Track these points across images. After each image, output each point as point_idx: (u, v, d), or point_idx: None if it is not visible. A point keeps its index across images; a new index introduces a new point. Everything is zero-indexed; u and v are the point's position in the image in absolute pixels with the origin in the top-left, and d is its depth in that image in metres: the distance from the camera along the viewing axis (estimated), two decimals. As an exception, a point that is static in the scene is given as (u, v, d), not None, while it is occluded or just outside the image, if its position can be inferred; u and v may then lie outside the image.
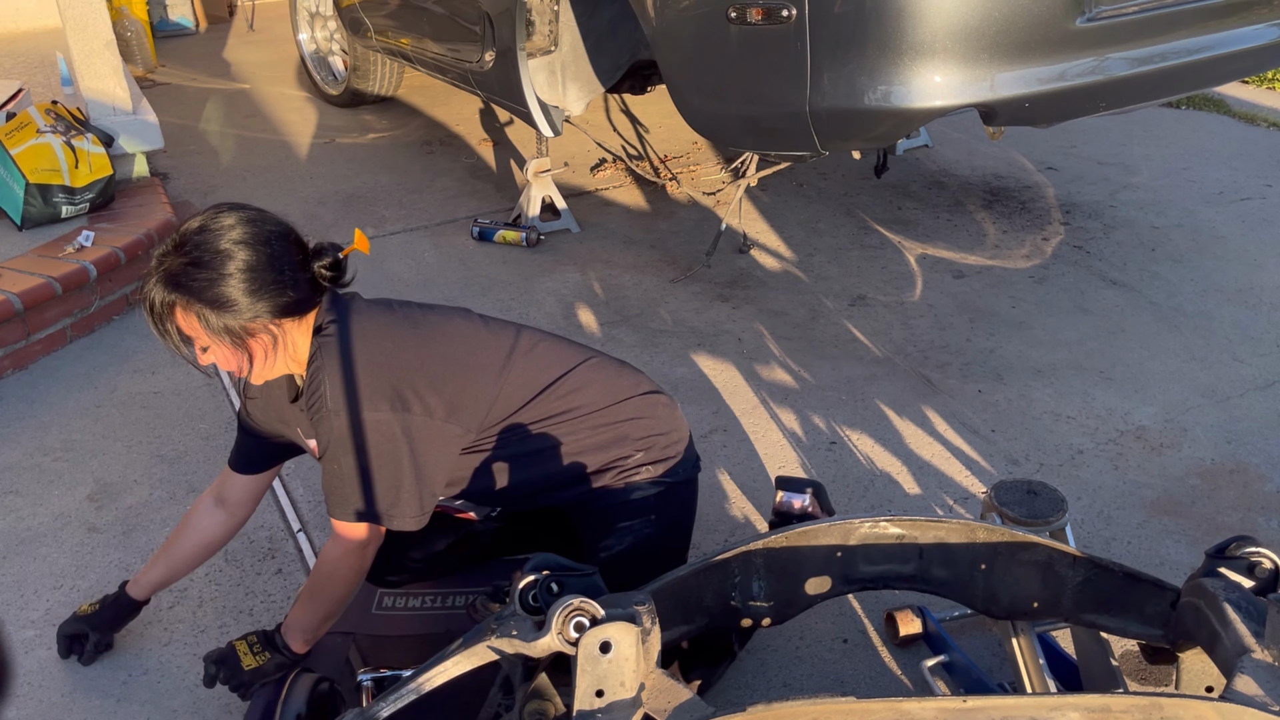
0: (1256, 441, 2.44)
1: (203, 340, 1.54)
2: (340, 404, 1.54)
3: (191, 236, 1.51)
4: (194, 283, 1.49)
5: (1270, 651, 1.13)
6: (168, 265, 1.51)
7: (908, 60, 2.22)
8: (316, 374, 1.56)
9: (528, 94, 3.23)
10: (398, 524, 1.60)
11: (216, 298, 1.50)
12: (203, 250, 1.50)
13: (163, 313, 1.52)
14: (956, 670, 1.76)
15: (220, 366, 1.57)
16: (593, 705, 1.12)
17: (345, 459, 1.56)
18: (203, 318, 1.50)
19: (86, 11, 3.40)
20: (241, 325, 1.52)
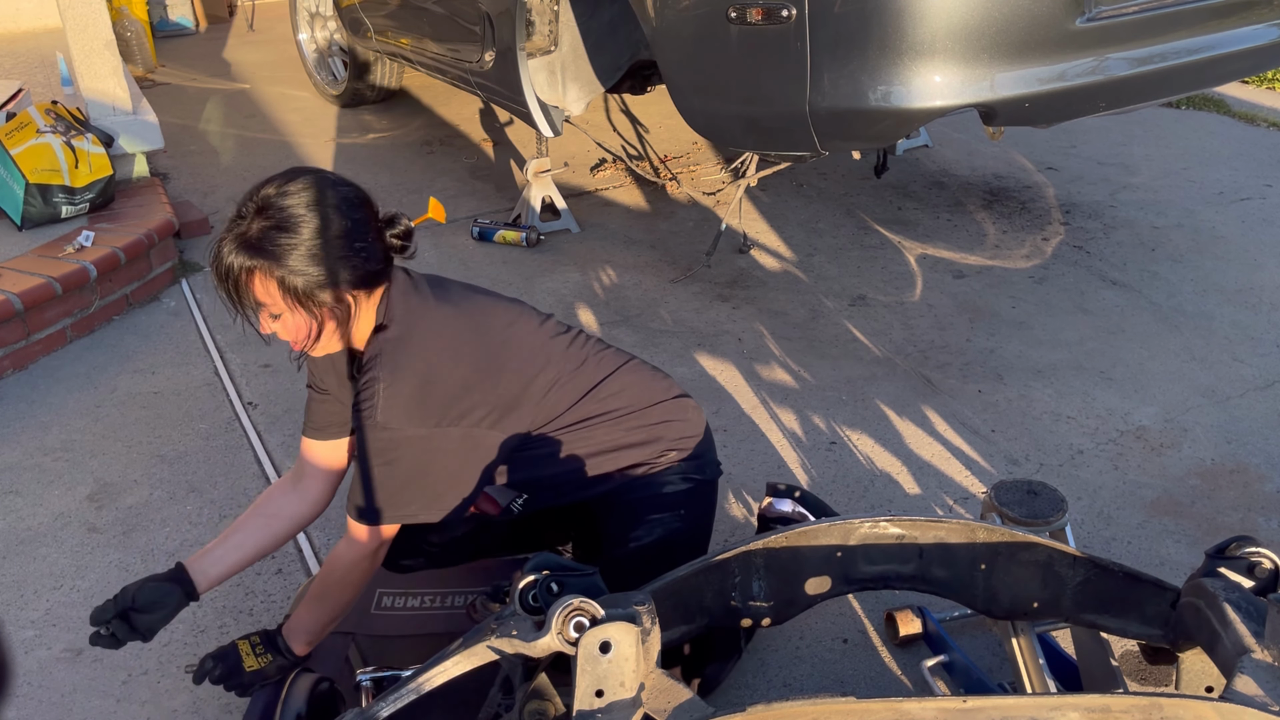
0: (1256, 441, 2.44)
1: (277, 307, 1.48)
2: (389, 420, 1.51)
3: (272, 200, 1.45)
4: (276, 248, 1.44)
5: (1270, 651, 1.13)
6: (247, 230, 1.45)
7: (908, 60, 2.22)
8: (372, 383, 1.52)
9: (528, 94, 3.23)
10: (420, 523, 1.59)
11: (298, 264, 1.45)
12: (285, 214, 1.44)
13: (239, 278, 1.46)
14: (956, 670, 1.76)
15: (284, 336, 1.52)
16: (593, 705, 1.12)
17: (381, 469, 1.54)
18: (282, 284, 1.45)
19: (86, 11, 3.40)
20: (319, 293, 1.47)
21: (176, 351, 2.90)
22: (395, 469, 1.55)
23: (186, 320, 3.07)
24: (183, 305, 3.16)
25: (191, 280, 3.30)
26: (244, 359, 2.85)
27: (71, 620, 1.98)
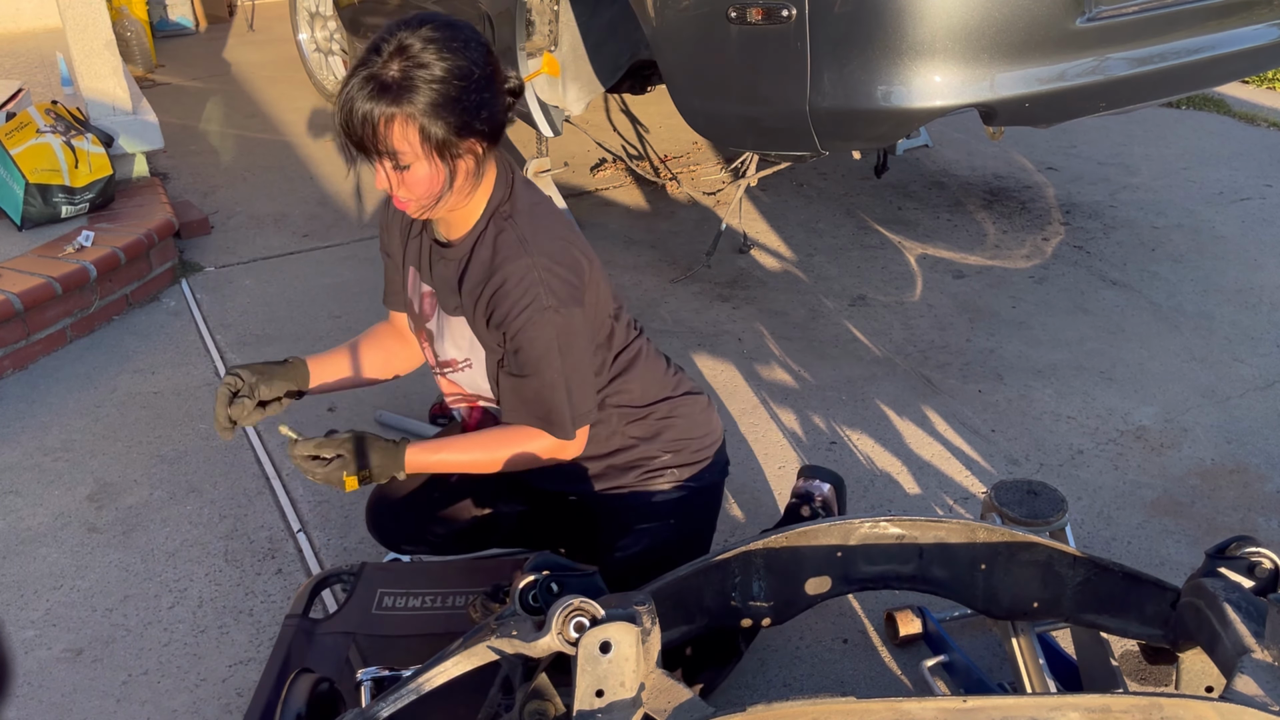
0: (1256, 441, 2.44)
1: (410, 156, 1.39)
2: (559, 299, 1.46)
3: (410, 42, 1.37)
4: (418, 91, 1.36)
5: (1270, 651, 1.13)
6: (383, 71, 1.36)
7: (908, 60, 2.22)
8: (527, 270, 1.46)
9: (528, 94, 3.23)
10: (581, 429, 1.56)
11: (440, 109, 1.37)
12: (425, 57, 1.36)
13: (376, 123, 1.36)
14: (956, 670, 1.76)
15: (405, 193, 1.43)
16: (593, 705, 1.12)
17: (555, 361, 1.49)
18: (423, 131, 1.37)
19: (86, 11, 3.40)
20: (457, 141, 1.40)
21: (176, 351, 2.90)
22: (571, 356, 1.50)
23: (186, 320, 3.07)
24: (183, 305, 3.16)
25: (191, 280, 3.30)
26: (244, 359, 2.85)
27: (71, 620, 1.98)
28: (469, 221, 1.54)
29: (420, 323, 1.70)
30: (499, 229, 1.51)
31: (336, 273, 3.35)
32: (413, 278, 1.69)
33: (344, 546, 2.16)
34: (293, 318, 3.07)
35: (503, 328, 1.50)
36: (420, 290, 1.67)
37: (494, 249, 1.51)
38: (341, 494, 2.31)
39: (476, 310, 1.54)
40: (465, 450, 1.59)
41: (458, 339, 1.62)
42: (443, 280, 1.60)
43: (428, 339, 1.70)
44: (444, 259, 1.59)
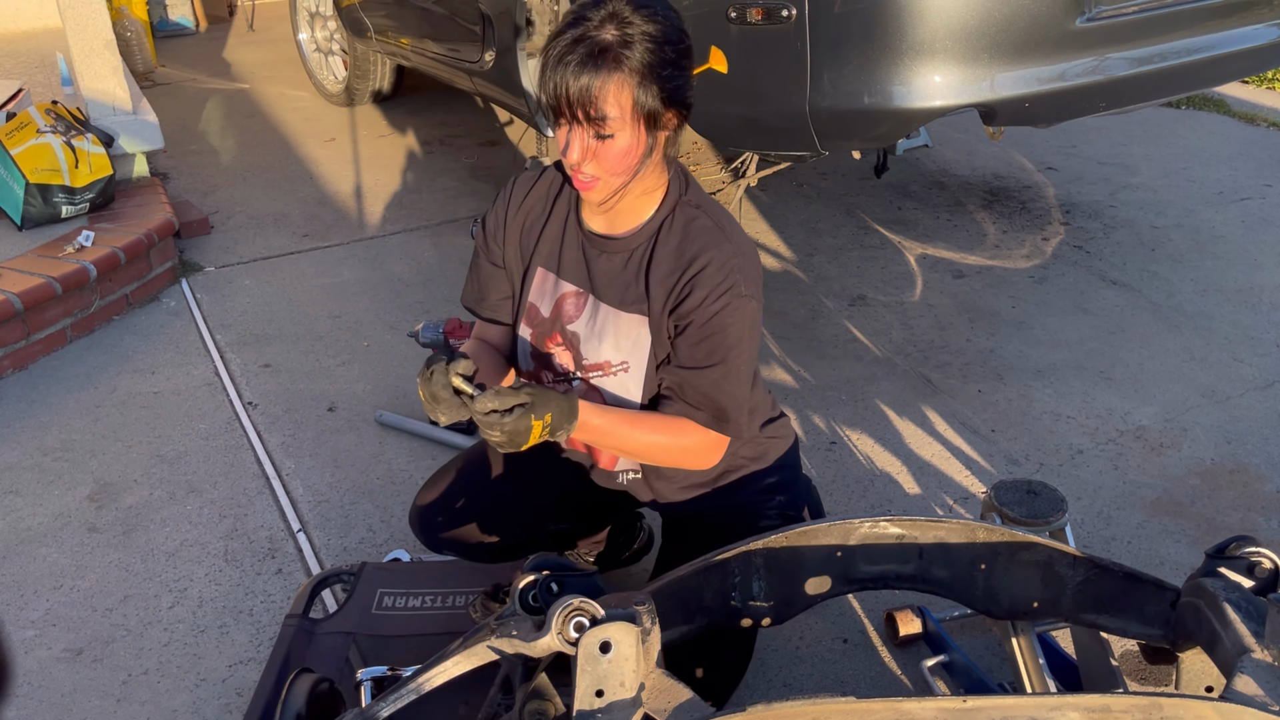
0: (1256, 441, 2.44)
1: (618, 123, 1.35)
2: (753, 289, 1.44)
3: (617, 8, 1.34)
4: (633, 55, 1.33)
5: (1270, 651, 1.13)
6: (596, 35, 1.32)
7: (908, 60, 2.22)
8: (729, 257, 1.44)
9: (527, 94, 3.23)
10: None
11: (653, 72, 1.34)
12: (634, 21, 1.34)
13: (589, 87, 1.32)
14: (956, 670, 1.76)
15: (598, 161, 1.38)
16: (593, 705, 1.12)
17: (749, 353, 1.47)
18: (636, 95, 1.34)
19: (86, 11, 3.40)
20: (662, 109, 1.37)
21: (176, 351, 2.90)
22: (752, 349, 1.47)
23: (186, 320, 3.07)
24: (183, 305, 3.16)
25: (191, 280, 3.30)
26: (244, 359, 2.85)
27: (71, 620, 1.98)
28: (644, 211, 1.50)
29: (553, 326, 1.59)
30: (689, 216, 1.48)
31: (336, 273, 3.35)
32: (541, 279, 1.60)
33: (344, 546, 2.16)
34: (293, 318, 3.08)
35: (694, 314, 1.45)
36: (558, 291, 1.58)
37: (686, 235, 1.47)
38: (345, 495, 2.31)
39: (667, 299, 1.48)
40: (632, 425, 1.51)
41: (622, 338, 1.53)
42: (608, 275, 1.53)
43: (567, 342, 1.59)
44: (608, 253, 1.53)
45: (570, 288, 1.57)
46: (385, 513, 2.25)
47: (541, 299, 1.60)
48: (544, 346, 1.61)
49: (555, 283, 1.59)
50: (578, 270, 1.56)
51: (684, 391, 1.50)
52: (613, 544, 2.01)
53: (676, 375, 1.50)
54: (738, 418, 1.50)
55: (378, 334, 2.98)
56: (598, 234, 1.54)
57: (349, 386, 2.72)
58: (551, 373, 1.62)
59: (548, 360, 1.62)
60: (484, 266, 1.65)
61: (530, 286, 1.61)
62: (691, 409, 1.50)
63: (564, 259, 1.57)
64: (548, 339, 1.61)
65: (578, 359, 1.58)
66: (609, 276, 1.53)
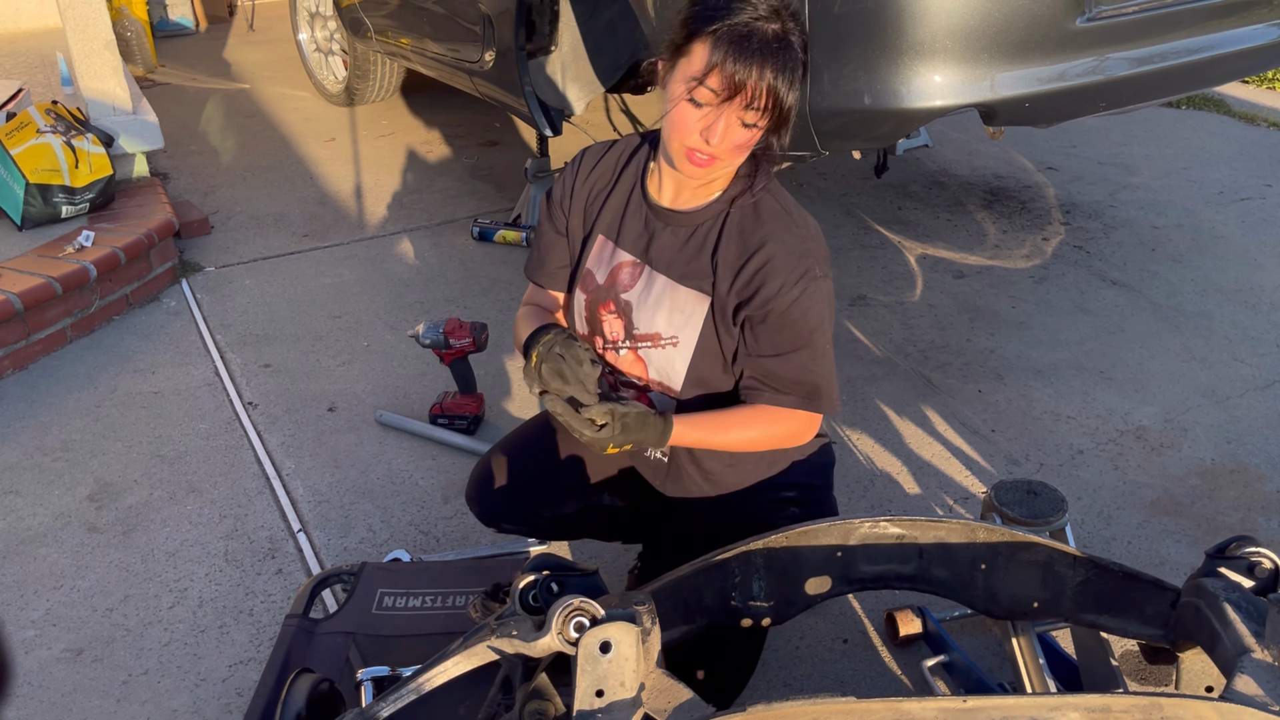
0: (1256, 441, 2.44)
1: (765, 116, 1.38)
2: (828, 270, 1.47)
3: (789, 19, 1.38)
4: (796, 57, 1.37)
5: (1270, 651, 1.13)
6: (766, 28, 1.34)
7: (908, 60, 2.22)
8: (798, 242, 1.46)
9: (527, 94, 3.23)
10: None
11: (802, 78, 1.39)
12: (794, 23, 1.37)
13: (772, 78, 1.34)
14: (956, 670, 1.76)
15: (722, 145, 1.39)
16: (593, 705, 1.12)
17: (826, 330, 1.49)
18: (788, 95, 1.37)
19: (86, 11, 3.40)
20: (790, 110, 1.40)
21: (176, 351, 2.90)
22: (830, 323, 1.50)
23: (186, 320, 3.07)
24: (183, 305, 3.16)
25: (191, 280, 3.30)
26: (244, 359, 2.85)
27: (71, 620, 1.98)
28: (713, 190, 1.52)
29: (608, 294, 1.62)
30: (757, 199, 1.50)
31: (336, 273, 3.35)
32: (600, 247, 1.63)
33: (344, 546, 2.16)
34: (293, 318, 3.08)
35: (771, 304, 1.46)
36: (614, 259, 1.61)
37: (754, 218, 1.49)
38: (345, 495, 2.31)
39: (734, 281, 1.50)
40: (723, 431, 1.54)
41: (675, 312, 1.55)
42: (669, 248, 1.55)
43: (619, 310, 1.61)
44: (672, 226, 1.54)
45: (627, 257, 1.60)
46: (385, 513, 2.25)
47: (598, 266, 1.63)
48: (597, 313, 1.63)
49: (613, 251, 1.61)
50: (637, 241, 1.58)
51: (771, 379, 1.52)
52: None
53: (761, 365, 1.52)
54: (829, 393, 1.53)
55: (378, 334, 2.98)
56: (664, 206, 1.56)
57: (349, 386, 2.72)
58: (601, 339, 1.65)
59: (599, 325, 1.64)
60: (546, 234, 1.70)
61: (589, 253, 1.64)
62: (780, 395, 1.52)
63: (624, 228, 1.60)
64: (601, 306, 1.63)
65: (628, 327, 1.60)
66: (670, 250, 1.55)
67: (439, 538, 2.18)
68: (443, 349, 2.48)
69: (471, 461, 2.41)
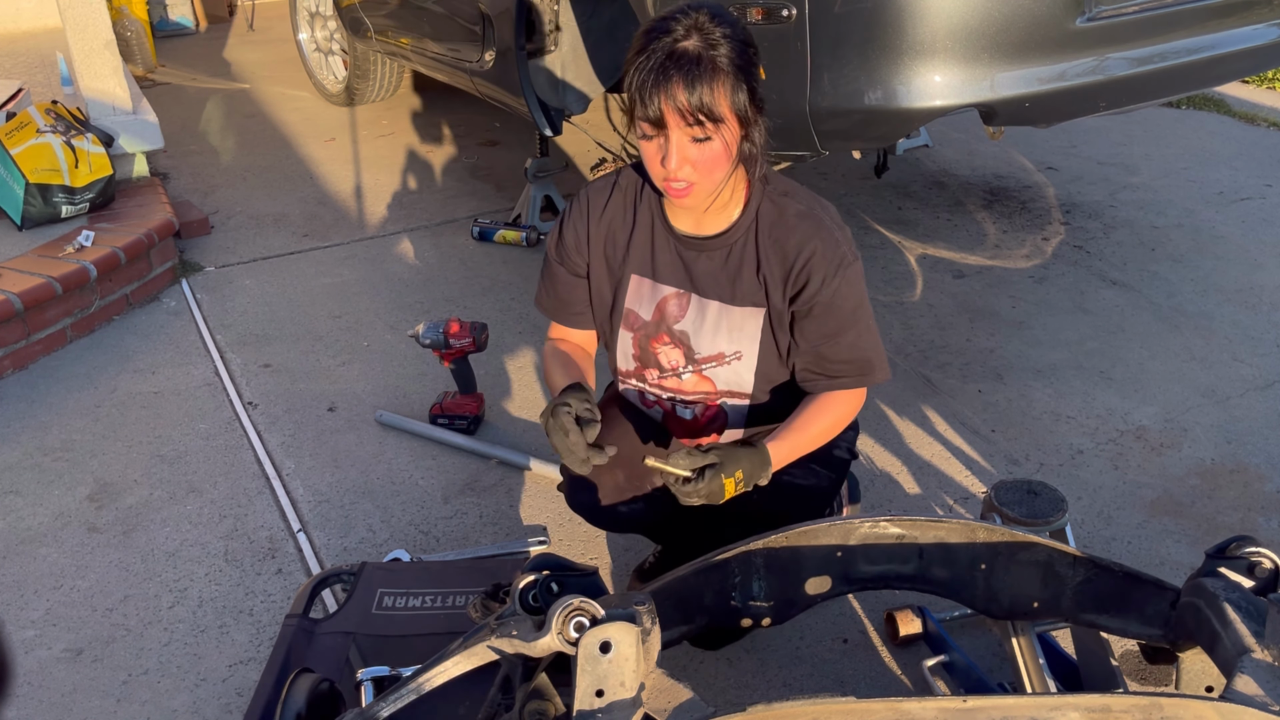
0: (1256, 441, 2.44)
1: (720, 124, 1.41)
2: (855, 251, 1.55)
3: (699, 20, 1.41)
4: (722, 60, 1.39)
5: (1270, 651, 1.13)
6: (684, 46, 1.39)
7: (908, 60, 2.22)
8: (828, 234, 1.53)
9: (527, 94, 3.23)
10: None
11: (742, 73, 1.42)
12: (716, 30, 1.41)
13: (688, 93, 1.38)
14: (956, 670, 1.76)
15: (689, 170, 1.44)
16: (593, 705, 1.12)
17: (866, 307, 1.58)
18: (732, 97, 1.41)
19: (86, 11, 3.40)
20: (751, 108, 1.44)
21: (176, 351, 2.90)
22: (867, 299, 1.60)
23: (186, 320, 3.07)
24: (183, 305, 3.16)
25: (191, 280, 3.30)
26: (244, 359, 2.85)
27: (71, 620, 1.98)
28: (732, 209, 1.57)
29: (658, 328, 1.66)
30: (780, 206, 1.56)
31: (336, 273, 3.35)
32: (637, 285, 1.66)
33: (344, 546, 2.16)
34: (293, 318, 3.08)
35: (815, 298, 1.55)
36: (657, 294, 1.65)
37: (785, 226, 1.56)
38: (345, 495, 2.31)
39: (785, 290, 1.57)
40: (804, 432, 1.59)
41: (735, 331, 1.61)
42: (709, 274, 1.60)
43: (675, 340, 1.66)
44: (705, 252, 1.60)
45: (670, 290, 1.65)
46: (385, 513, 2.25)
47: (639, 304, 1.67)
48: (649, 347, 1.69)
49: (653, 287, 1.66)
50: (675, 272, 1.63)
51: (824, 366, 1.60)
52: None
53: (812, 354, 1.60)
54: (880, 363, 1.61)
55: (378, 334, 2.98)
56: (689, 235, 1.60)
57: (349, 386, 2.72)
58: (657, 370, 1.70)
59: (653, 358, 1.70)
60: (563, 278, 1.72)
61: (626, 293, 1.68)
62: (834, 380, 1.60)
63: (658, 262, 1.64)
64: (653, 340, 1.68)
65: (689, 354, 1.66)
66: (710, 274, 1.60)
67: (439, 538, 2.18)
68: (443, 349, 2.48)
69: (472, 461, 2.41)
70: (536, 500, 2.28)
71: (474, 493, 2.31)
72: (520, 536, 2.16)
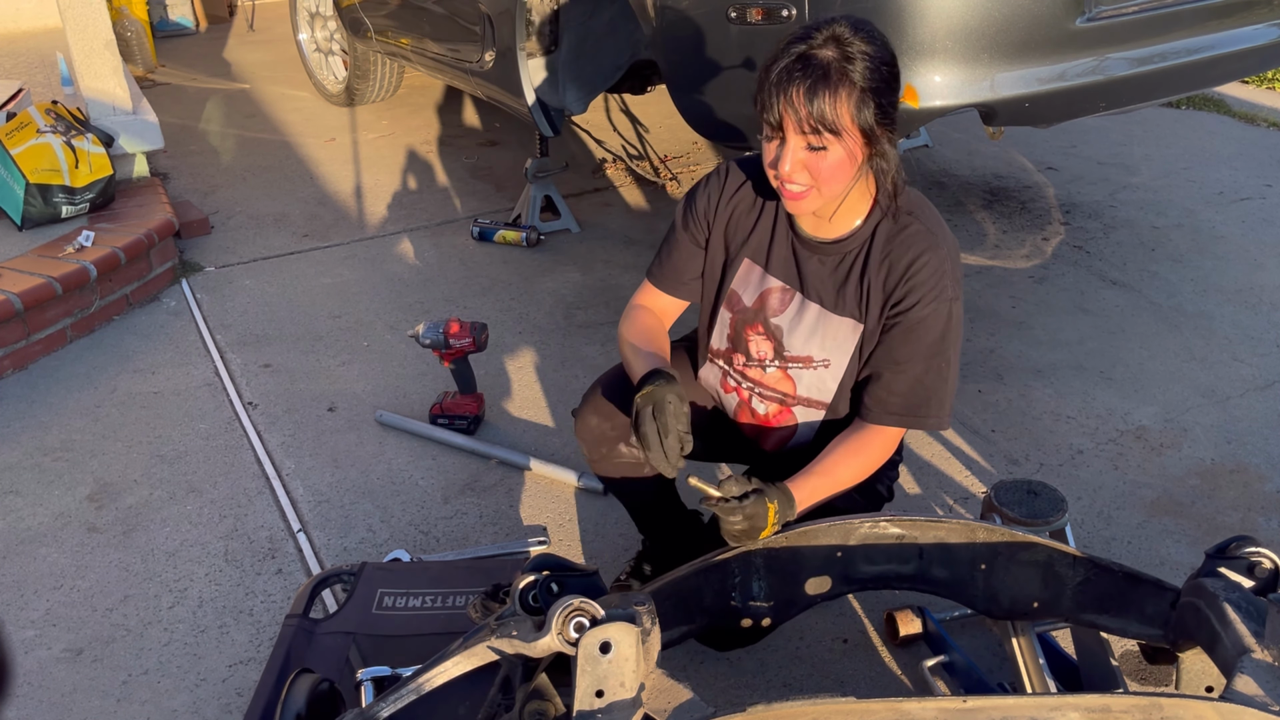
0: (1256, 441, 2.44)
1: (837, 135, 1.41)
2: (960, 292, 1.52)
3: (839, 31, 1.42)
4: (856, 72, 1.40)
5: (1270, 651, 1.13)
6: (820, 54, 1.39)
7: (908, 60, 2.22)
8: (941, 261, 1.50)
9: (528, 94, 3.23)
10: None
11: (872, 90, 1.41)
12: (855, 42, 1.41)
13: (815, 100, 1.38)
14: (956, 670, 1.76)
15: (806, 175, 1.44)
16: (593, 705, 1.12)
17: (951, 352, 1.53)
18: (858, 111, 1.40)
19: (86, 11, 3.40)
20: (878, 126, 1.44)
21: (176, 351, 2.90)
22: (957, 346, 1.55)
23: (186, 320, 3.07)
24: (183, 305, 3.16)
25: (191, 280, 3.30)
26: (244, 359, 2.85)
27: (71, 620, 1.98)
28: (853, 217, 1.56)
29: (756, 316, 1.67)
30: (902, 224, 1.54)
31: (336, 273, 3.35)
32: (747, 270, 1.67)
33: (344, 546, 2.16)
34: (293, 318, 3.08)
35: (902, 316, 1.53)
36: (764, 284, 1.65)
37: (900, 243, 1.53)
38: (345, 495, 2.31)
39: (884, 306, 1.55)
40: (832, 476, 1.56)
41: (828, 338, 1.61)
42: (819, 277, 1.60)
43: (768, 333, 1.66)
44: (819, 255, 1.59)
45: (777, 283, 1.64)
46: (385, 513, 2.25)
47: (745, 288, 1.68)
48: (743, 333, 1.69)
49: (762, 275, 1.66)
50: (787, 268, 1.63)
51: (881, 391, 1.57)
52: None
53: (878, 374, 1.58)
54: (939, 410, 1.56)
55: (378, 334, 2.98)
56: (811, 237, 1.60)
57: (349, 386, 2.72)
58: (744, 356, 1.70)
59: (744, 344, 1.70)
60: (684, 245, 1.71)
61: (735, 274, 1.68)
62: (887, 414, 1.57)
63: (773, 255, 1.64)
64: (749, 326, 1.68)
65: (779, 349, 1.66)
66: (819, 278, 1.60)
67: (439, 538, 2.18)
68: (443, 349, 2.48)
69: (472, 461, 2.41)
70: (536, 500, 2.28)
71: (474, 493, 2.31)
72: (520, 536, 2.16)
